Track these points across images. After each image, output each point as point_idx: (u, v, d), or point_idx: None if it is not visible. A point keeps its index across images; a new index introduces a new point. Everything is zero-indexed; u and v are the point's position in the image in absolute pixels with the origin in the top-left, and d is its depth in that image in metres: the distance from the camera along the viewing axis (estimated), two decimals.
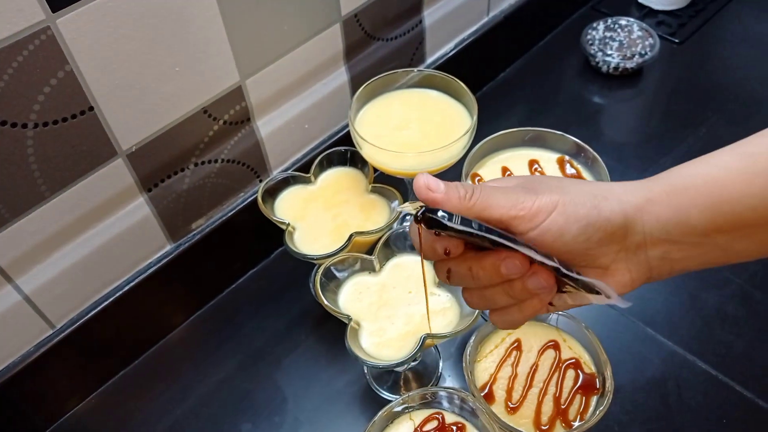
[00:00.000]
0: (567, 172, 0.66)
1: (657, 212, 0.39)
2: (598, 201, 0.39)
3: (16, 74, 0.49)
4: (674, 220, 0.39)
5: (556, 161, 0.67)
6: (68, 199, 0.59)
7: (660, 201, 0.39)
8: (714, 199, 0.38)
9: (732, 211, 0.37)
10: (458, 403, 0.57)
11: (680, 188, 0.39)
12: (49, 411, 0.70)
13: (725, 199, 0.38)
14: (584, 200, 0.39)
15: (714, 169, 0.39)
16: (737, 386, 0.67)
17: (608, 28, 1.02)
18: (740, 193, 0.37)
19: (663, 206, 0.39)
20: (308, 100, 0.76)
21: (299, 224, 0.69)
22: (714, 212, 0.38)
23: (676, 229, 0.39)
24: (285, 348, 0.75)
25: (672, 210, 0.39)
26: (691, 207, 0.38)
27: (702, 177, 0.39)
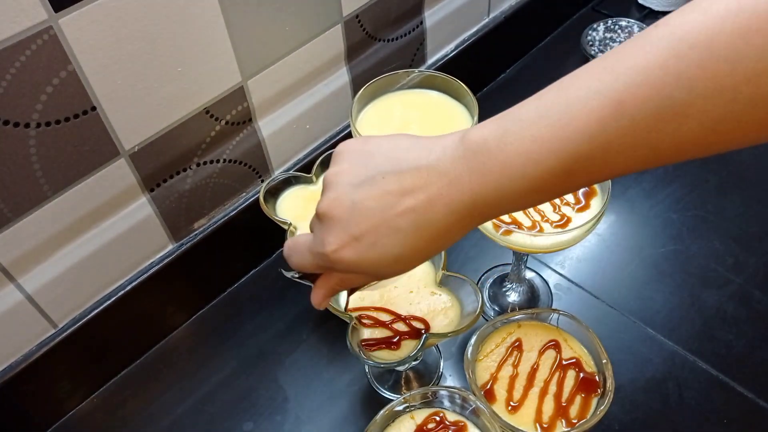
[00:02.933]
0: None
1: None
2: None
3: (18, 74, 0.49)
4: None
5: None
6: (70, 198, 0.59)
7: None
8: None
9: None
10: (459, 403, 0.58)
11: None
12: (51, 410, 0.70)
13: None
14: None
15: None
16: (737, 386, 0.67)
17: (608, 29, 1.02)
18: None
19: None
20: (310, 100, 0.76)
21: (301, 224, 0.69)
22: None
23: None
24: (286, 347, 0.75)
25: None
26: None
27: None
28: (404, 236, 0.39)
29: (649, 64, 0.31)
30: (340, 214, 0.40)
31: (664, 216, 0.83)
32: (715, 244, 0.79)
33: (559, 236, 0.60)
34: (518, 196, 0.36)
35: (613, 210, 0.84)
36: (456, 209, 0.38)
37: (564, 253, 0.80)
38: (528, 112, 0.36)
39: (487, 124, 0.37)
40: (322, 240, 0.42)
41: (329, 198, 0.41)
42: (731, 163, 0.88)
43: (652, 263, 0.78)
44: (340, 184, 0.41)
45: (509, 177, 0.35)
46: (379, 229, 0.39)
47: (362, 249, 0.40)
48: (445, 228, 0.39)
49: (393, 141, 0.41)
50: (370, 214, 0.39)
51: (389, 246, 0.39)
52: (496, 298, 0.78)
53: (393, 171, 0.39)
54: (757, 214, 0.82)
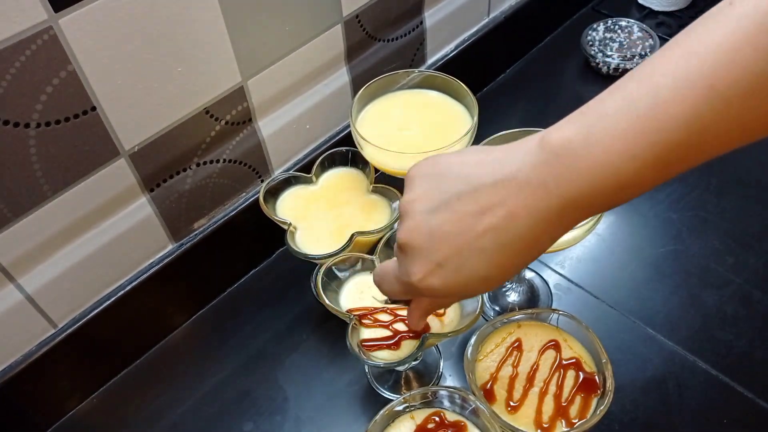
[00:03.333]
0: None
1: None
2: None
3: (18, 74, 0.49)
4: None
5: None
6: (70, 198, 0.59)
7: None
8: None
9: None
10: (459, 403, 0.58)
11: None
12: (50, 410, 0.70)
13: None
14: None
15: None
16: (737, 386, 0.67)
17: (608, 29, 1.02)
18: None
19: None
20: (310, 100, 0.76)
21: (301, 224, 0.69)
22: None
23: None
24: (286, 347, 0.75)
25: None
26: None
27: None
28: (489, 256, 0.38)
29: (738, 42, 0.30)
30: (420, 243, 0.40)
31: (664, 216, 0.83)
32: (714, 244, 0.79)
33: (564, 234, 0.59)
34: (612, 194, 0.35)
35: (612, 210, 0.84)
36: (542, 218, 0.36)
37: (564, 253, 0.80)
38: (612, 106, 0.34)
39: (565, 125, 0.36)
40: (407, 270, 0.42)
41: (407, 227, 0.41)
42: (731, 163, 0.88)
43: (652, 263, 0.78)
44: (416, 212, 0.40)
45: (602, 176, 0.34)
46: (462, 253, 0.39)
47: (448, 275, 0.40)
48: (532, 239, 0.37)
49: (464, 157, 0.40)
50: (451, 239, 0.39)
51: (475, 268, 0.39)
52: (495, 298, 0.78)
53: (467, 191, 0.38)
54: (757, 214, 0.82)
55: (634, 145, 0.33)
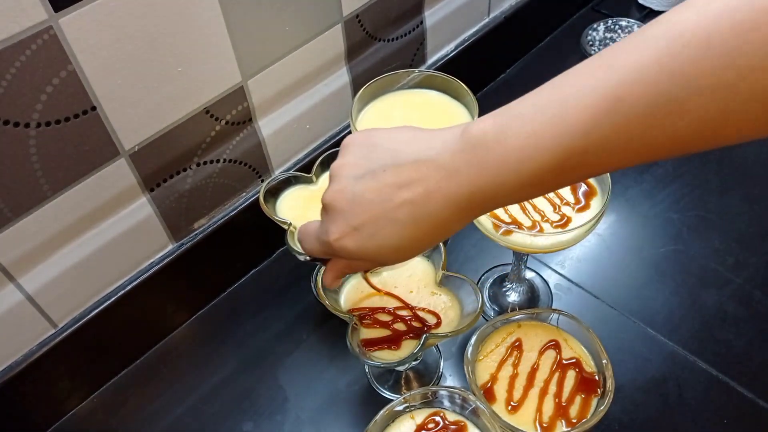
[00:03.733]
0: None
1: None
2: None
3: (18, 74, 0.49)
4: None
5: None
6: (70, 198, 0.59)
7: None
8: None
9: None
10: (459, 402, 0.58)
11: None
12: (50, 410, 0.70)
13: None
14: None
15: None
16: (737, 386, 0.67)
17: (609, 29, 1.02)
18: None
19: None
20: (310, 100, 0.76)
21: (301, 224, 0.69)
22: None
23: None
24: (286, 347, 0.75)
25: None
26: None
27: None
28: (402, 227, 0.41)
29: (645, 61, 0.32)
30: (342, 206, 0.42)
31: (664, 216, 0.83)
32: (715, 244, 0.79)
33: (559, 236, 0.60)
34: (515, 190, 0.37)
35: (613, 210, 0.84)
36: (453, 202, 0.39)
37: (564, 253, 0.80)
38: (526, 108, 0.37)
39: (487, 119, 0.38)
40: (326, 229, 0.44)
41: (333, 189, 0.43)
42: (731, 162, 0.88)
43: (652, 263, 0.78)
44: (343, 177, 0.43)
45: (506, 171, 0.36)
46: (378, 221, 0.41)
47: (362, 239, 0.42)
48: (443, 220, 0.40)
49: (396, 134, 0.43)
50: (370, 206, 0.41)
51: (388, 237, 0.41)
52: (496, 298, 0.78)
53: (393, 164, 0.41)
54: (758, 214, 0.82)
55: (534, 147, 0.35)
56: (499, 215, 0.62)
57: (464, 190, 0.38)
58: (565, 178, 0.36)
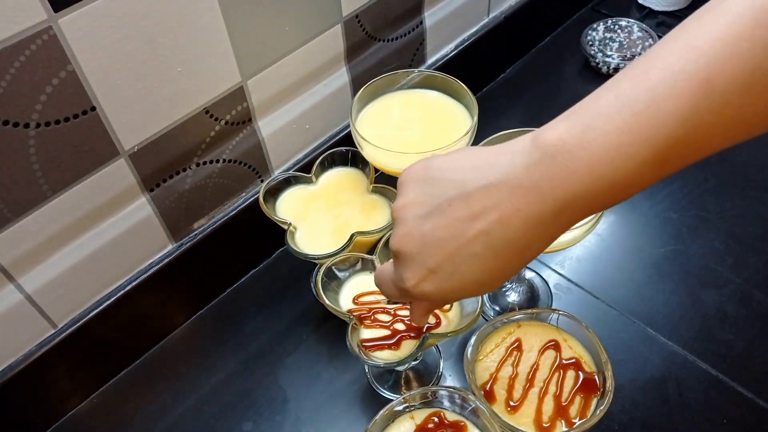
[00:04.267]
0: None
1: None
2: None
3: (18, 74, 0.49)
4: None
5: None
6: (70, 198, 0.59)
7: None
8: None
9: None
10: (459, 403, 0.58)
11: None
12: (50, 410, 0.70)
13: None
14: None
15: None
16: (737, 386, 0.67)
17: (608, 29, 1.02)
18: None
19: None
20: (309, 100, 0.76)
21: (300, 224, 0.69)
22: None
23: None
24: (286, 347, 0.75)
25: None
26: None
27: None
28: (482, 261, 0.38)
29: (735, 37, 0.30)
30: (412, 249, 0.40)
31: (664, 216, 0.83)
32: (714, 244, 0.79)
33: (559, 236, 0.59)
34: (609, 194, 0.34)
35: (612, 210, 0.84)
36: (537, 221, 0.36)
37: (564, 253, 0.80)
38: (607, 104, 0.33)
39: (559, 123, 0.35)
40: (401, 276, 0.42)
41: (400, 234, 0.41)
42: (731, 163, 0.88)
43: (652, 263, 0.78)
44: (408, 218, 0.40)
45: (598, 176, 0.33)
46: (455, 259, 0.38)
47: (441, 280, 0.40)
48: (526, 242, 0.37)
49: (455, 160, 0.40)
50: (443, 245, 0.38)
51: (468, 273, 0.39)
52: (495, 298, 0.78)
53: (459, 195, 0.38)
54: (757, 214, 0.82)
55: (630, 144, 0.32)
56: None
57: (548, 206, 0.35)
58: (664, 171, 0.33)
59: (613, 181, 0.33)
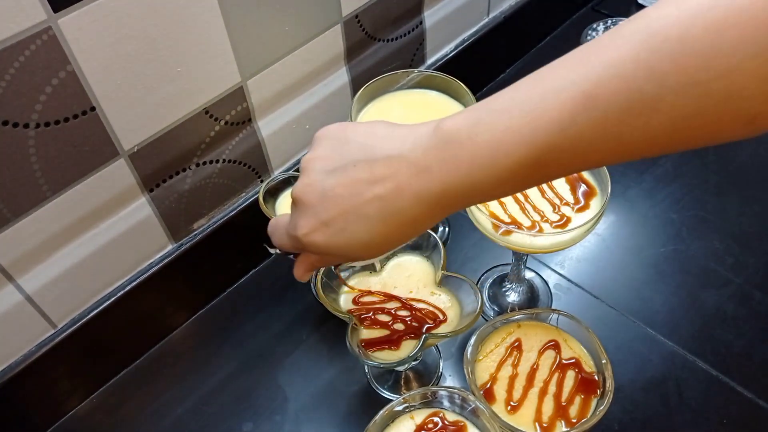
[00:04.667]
0: None
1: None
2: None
3: (17, 74, 0.49)
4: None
5: None
6: (70, 199, 0.59)
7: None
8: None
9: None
10: (459, 403, 0.58)
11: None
12: (50, 410, 0.70)
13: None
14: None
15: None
16: (737, 386, 0.67)
17: (608, 28, 1.02)
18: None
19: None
20: (309, 100, 0.76)
21: None
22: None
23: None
24: (286, 347, 0.75)
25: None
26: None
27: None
28: (372, 223, 0.40)
29: (622, 57, 0.31)
30: (311, 200, 0.42)
31: (664, 216, 0.83)
32: (714, 244, 0.79)
33: (559, 236, 0.60)
34: (488, 187, 0.36)
35: (612, 210, 0.84)
36: (424, 199, 0.38)
37: (564, 253, 0.80)
38: (502, 102, 0.36)
39: (460, 114, 0.37)
40: (295, 224, 0.43)
41: (303, 183, 0.43)
42: (731, 163, 0.88)
43: (652, 263, 0.78)
44: (314, 170, 0.42)
45: (479, 167, 0.36)
46: (348, 216, 0.41)
47: (331, 234, 0.42)
48: (413, 217, 0.39)
49: (370, 128, 0.42)
50: (340, 201, 0.41)
51: (357, 232, 0.41)
52: (495, 298, 0.78)
53: (365, 159, 0.40)
54: (757, 214, 0.82)
55: (509, 142, 0.34)
56: (498, 215, 0.62)
57: (435, 187, 0.37)
58: (540, 174, 0.36)
59: (492, 175, 0.35)
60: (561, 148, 0.33)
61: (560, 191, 0.64)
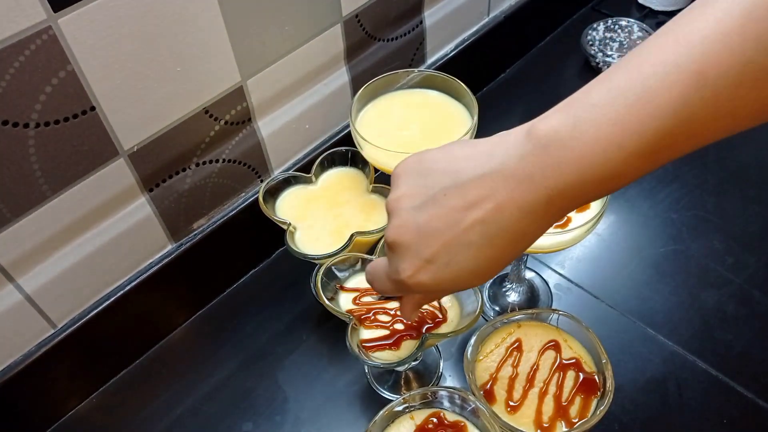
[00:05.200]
0: None
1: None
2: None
3: (17, 74, 0.49)
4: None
5: None
6: (69, 198, 0.59)
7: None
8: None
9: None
10: (459, 403, 0.58)
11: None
12: (50, 410, 0.70)
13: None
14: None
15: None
16: (737, 386, 0.67)
17: (608, 28, 1.02)
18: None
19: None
20: (309, 100, 0.76)
21: (300, 224, 0.69)
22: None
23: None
24: (286, 348, 0.75)
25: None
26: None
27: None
28: (477, 250, 0.38)
29: (726, 30, 0.30)
30: (408, 240, 0.40)
31: (664, 216, 0.83)
32: (714, 244, 0.79)
33: (559, 236, 0.59)
34: (600, 184, 0.35)
35: (612, 210, 0.84)
36: (529, 210, 0.36)
37: (564, 253, 0.80)
38: (600, 96, 0.34)
39: (552, 115, 0.36)
40: (396, 268, 0.42)
41: (394, 226, 0.41)
42: (731, 162, 0.88)
43: (652, 263, 0.78)
44: (402, 210, 0.40)
45: (589, 166, 0.34)
46: (450, 248, 0.39)
47: (437, 270, 0.40)
48: (520, 231, 0.37)
49: (448, 152, 0.40)
50: (438, 234, 0.39)
51: (463, 262, 0.39)
52: (495, 298, 0.78)
53: (454, 185, 0.38)
54: (757, 214, 0.82)
55: (621, 135, 0.33)
56: None
57: (541, 195, 0.35)
58: (653, 163, 0.34)
59: (603, 172, 0.34)
60: (675, 132, 0.32)
61: None
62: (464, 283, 0.41)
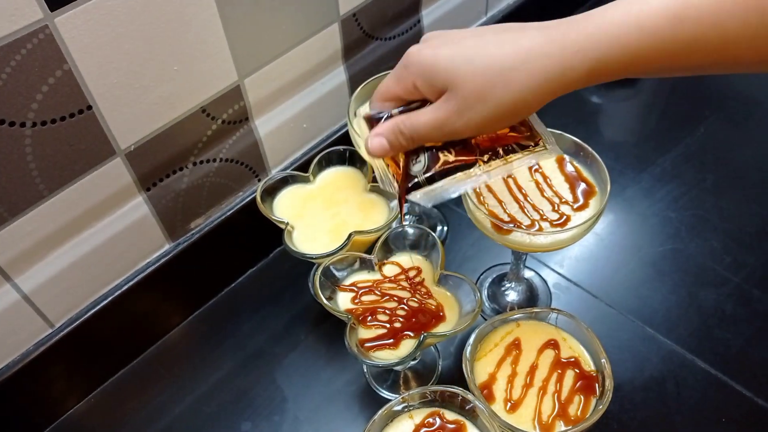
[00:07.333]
0: (566, 171, 0.66)
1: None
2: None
3: (14, 73, 0.49)
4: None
5: (555, 160, 0.68)
6: (67, 198, 0.59)
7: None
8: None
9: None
10: (458, 402, 0.57)
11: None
12: (49, 410, 0.70)
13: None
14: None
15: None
16: (736, 385, 0.67)
17: None
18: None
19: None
20: (307, 99, 0.76)
21: (298, 223, 0.69)
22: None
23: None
24: (284, 347, 0.75)
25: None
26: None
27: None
28: (501, 48, 0.44)
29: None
30: (436, 34, 0.45)
31: (663, 215, 0.83)
32: (713, 243, 0.79)
33: (558, 235, 0.59)
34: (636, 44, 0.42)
35: (611, 209, 0.84)
36: (565, 67, 0.46)
37: (563, 252, 0.80)
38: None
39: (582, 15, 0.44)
40: (420, 48, 0.45)
41: (417, 47, 0.45)
42: (729, 162, 0.88)
43: (651, 262, 0.78)
44: (431, 38, 0.46)
45: (627, 33, 0.42)
46: (478, 40, 0.43)
47: (454, 48, 0.43)
48: (556, 80, 0.45)
49: (480, 34, 0.45)
50: (468, 34, 0.43)
51: (486, 46, 0.43)
52: (494, 297, 0.78)
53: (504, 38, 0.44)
54: (755, 213, 0.82)
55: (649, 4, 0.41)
56: (498, 214, 0.62)
57: (577, 59, 0.45)
58: (681, 28, 0.39)
59: (639, 41, 0.42)
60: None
61: (559, 190, 0.64)
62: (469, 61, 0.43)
